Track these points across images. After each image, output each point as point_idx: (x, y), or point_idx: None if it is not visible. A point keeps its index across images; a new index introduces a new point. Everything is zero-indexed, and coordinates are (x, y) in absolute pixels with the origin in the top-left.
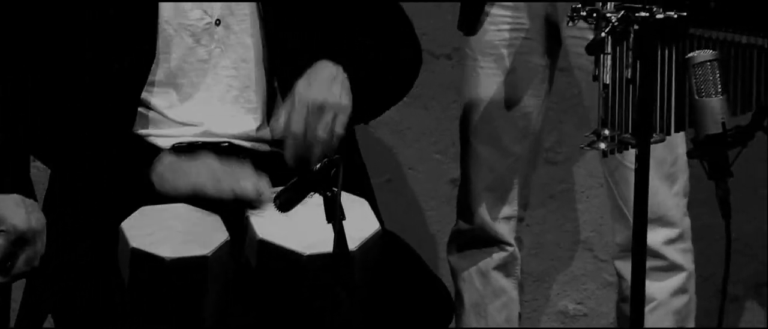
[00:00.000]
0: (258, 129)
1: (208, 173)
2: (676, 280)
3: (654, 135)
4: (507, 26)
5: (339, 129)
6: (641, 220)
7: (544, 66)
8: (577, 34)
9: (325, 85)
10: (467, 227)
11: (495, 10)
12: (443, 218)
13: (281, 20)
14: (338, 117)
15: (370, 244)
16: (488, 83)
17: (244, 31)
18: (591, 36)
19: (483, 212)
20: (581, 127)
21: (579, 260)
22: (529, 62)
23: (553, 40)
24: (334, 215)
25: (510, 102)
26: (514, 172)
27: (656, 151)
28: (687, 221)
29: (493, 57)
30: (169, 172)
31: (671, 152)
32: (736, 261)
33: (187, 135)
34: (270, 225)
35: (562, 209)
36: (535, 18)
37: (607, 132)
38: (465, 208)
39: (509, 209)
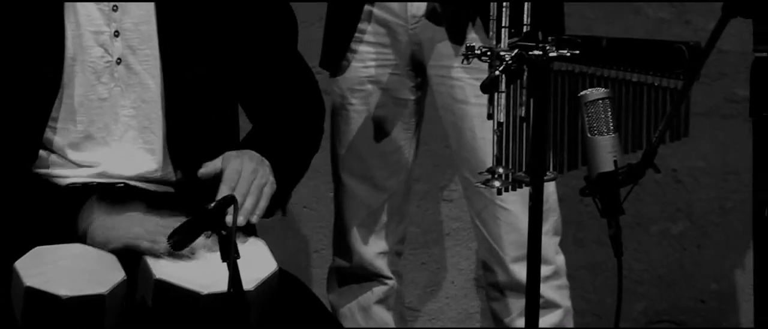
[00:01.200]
0: (156, 170)
1: (140, 230)
2: (552, 317)
3: (548, 173)
4: (374, 63)
5: (264, 202)
6: (535, 259)
7: (413, 100)
8: (443, 75)
9: (257, 161)
10: (345, 264)
11: (361, 48)
12: None
13: (183, 62)
14: (265, 189)
15: (267, 284)
16: (358, 120)
17: (145, 71)
18: (456, 75)
19: (360, 248)
20: (466, 162)
21: (473, 298)
22: (397, 98)
23: (421, 77)
24: (230, 254)
25: (381, 138)
26: (389, 208)
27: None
28: (561, 259)
29: (361, 94)
30: (99, 229)
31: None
32: (628, 298)
33: (82, 176)
34: (166, 265)
35: (457, 247)
36: (402, 55)
37: (501, 170)
38: (342, 245)
39: (386, 244)
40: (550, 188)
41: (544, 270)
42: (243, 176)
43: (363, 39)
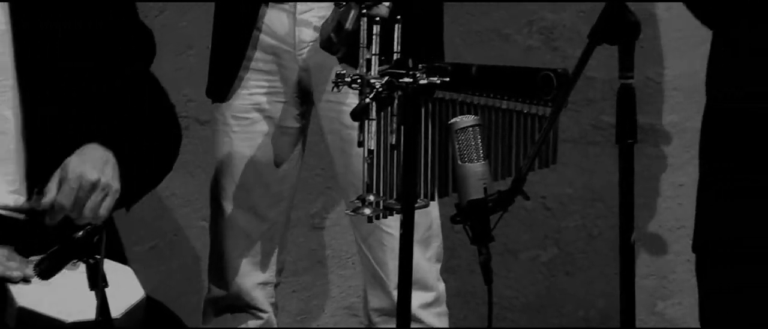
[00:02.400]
0: (16, 201)
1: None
2: None
3: (418, 200)
4: (260, 91)
5: (104, 212)
6: (406, 286)
7: (297, 129)
8: (332, 99)
9: (99, 165)
10: (221, 294)
11: (248, 75)
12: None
13: (41, 93)
14: (106, 199)
15: (134, 312)
16: (242, 148)
17: (3, 102)
18: (347, 101)
19: (238, 279)
20: (351, 188)
21: (345, 326)
22: (283, 126)
23: (306, 104)
24: (97, 282)
25: (264, 167)
26: (270, 237)
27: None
28: (442, 286)
29: (247, 122)
30: None
31: (426, 217)
32: (498, 325)
33: None
34: (30, 293)
35: (329, 275)
36: (289, 82)
37: (372, 198)
38: (219, 274)
39: (265, 275)
40: (433, 214)
41: (426, 297)
42: (82, 186)
43: (249, 66)
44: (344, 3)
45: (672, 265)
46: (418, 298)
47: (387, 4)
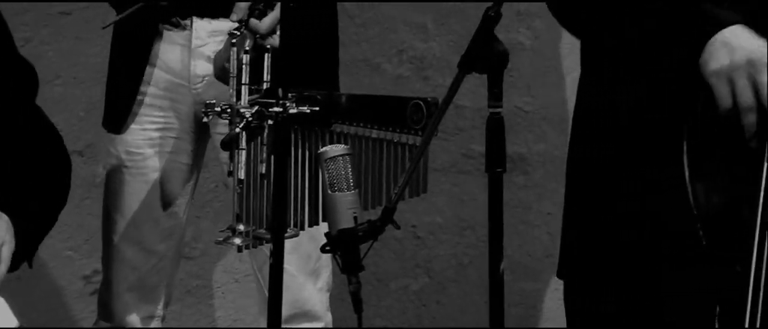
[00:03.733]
0: None
1: None
2: None
3: (288, 230)
4: (153, 126)
5: (3, 267)
6: (275, 314)
7: (190, 165)
8: (226, 131)
9: None
10: (107, 327)
11: (142, 110)
12: (76, 315)
13: None
14: (3, 249)
15: None
16: (134, 183)
17: None
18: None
19: (124, 312)
20: (217, 222)
21: None
22: (176, 162)
23: (201, 139)
24: None
25: (156, 202)
26: (158, 271)
27: (303, 246)
28: (329, 316)
29: (139, 157)
30: None
31: (316, 247)
32: None
33: None
34: None
35: (198, 305)
36: (184, 118)
37: (242, 227)
38: (107, 308)
39: (152, 308)
40: None
41: (315, 326)
42: None
43: (143, 101)
44: (238, 34)
45: (541, 293)
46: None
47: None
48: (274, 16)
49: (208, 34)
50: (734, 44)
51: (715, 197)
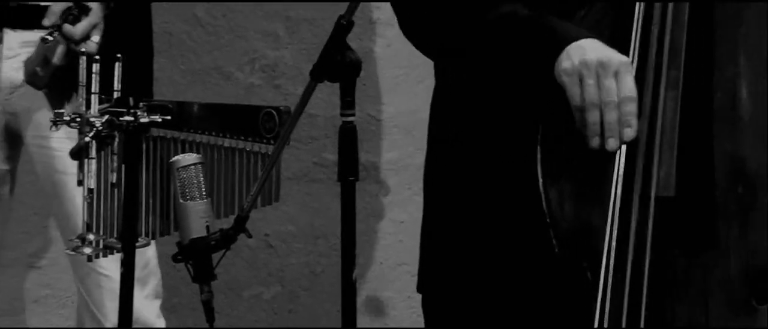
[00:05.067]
0: None
1: None
2: None
3: (139, 239)
4: None
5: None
6: (126, 324)
7: (5, 171)
8: (42, 144)
9: None
10: None
11: None
12: None
13: None
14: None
15: None
16: None
17: None
18: (56, 146)
19: None
20: (65, 231)
21: None
22: None
23: (15, 147)
24: None
25: None
26: None
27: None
28: (161, 323)
29: None
30: None
31: (142, 256)
32: None
33: None
34: None
35: (46, 315)
36: None
37: (92, 237)
38: None
39: None
40: (149, 252)
41: None
42: None
43: None
44: (51, 38)
45: (393, 302)
46: None
47: (96, 40)
48: (89, 21)
49: (20, 45)
50: (588, 47)
51: (568, 204)
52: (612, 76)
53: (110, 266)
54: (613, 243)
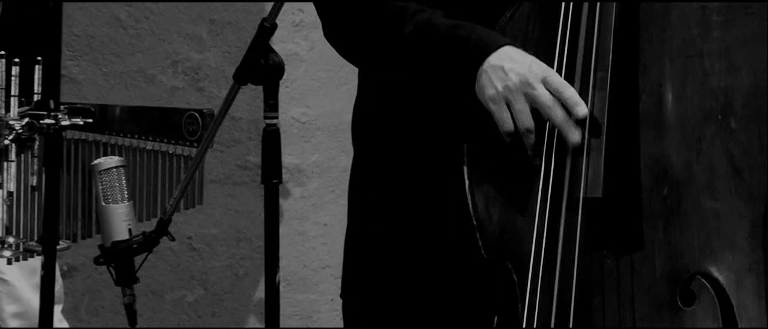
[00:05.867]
0: None
1: None
2: None
3: (61, 242)
4: None
5: None
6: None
7: None
8: None
9: None
10: None
11: None
12: None
13: None
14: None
15: None
16: None
17: None
18: None
19: None
20: None
21: None
22: None
23: None
24: None
25: None
26: None
27: (29, 261)
28: (65, 325)
29: None
30: None
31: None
32: None
33: None
34: None
35: None
36: None
37: (11, 240)
38: None
39: None
40: None
41: None
42: None
43: None
44: None
45: (317, 305)
46: None
47: None
48: None
49: None
50: (507, 67)
51: (493, 206)
52: (539, 84)
53: (9, 271)
54: (543, 245)
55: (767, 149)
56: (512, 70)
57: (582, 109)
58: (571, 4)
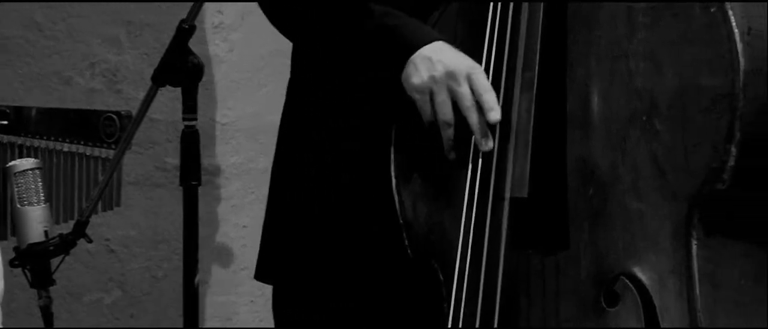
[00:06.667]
0: None
1: None
2: None
3: None
4: None
5: None
6: None
7: None
8: None
9: None
10: None
11: None
12: None
13: None
14: None
15: None
16: None
17: None
18: None
19: None
20: None
21: None
22: None
23: None
24: None
25: None
26: None
27: None
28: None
29: None
30: None
31: None
32: None
33: None
34: None
35: None
36: None
37: None
38: None
39: None
40: None
41: None
42: None
43: None
44: None
45: (236, 307)
46: None
47: None
48: None
49: None
50: (434, 59)
51: (420, 205)
52: (464, 81)
53: None
54: (469, 244)
55: (691, 150)
56: (440, 62)
57: (495, 114)
58: (499, 3)
